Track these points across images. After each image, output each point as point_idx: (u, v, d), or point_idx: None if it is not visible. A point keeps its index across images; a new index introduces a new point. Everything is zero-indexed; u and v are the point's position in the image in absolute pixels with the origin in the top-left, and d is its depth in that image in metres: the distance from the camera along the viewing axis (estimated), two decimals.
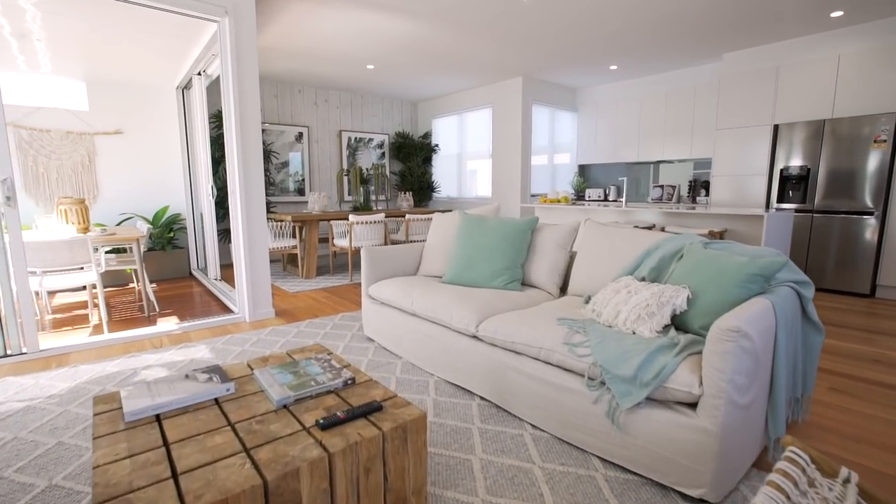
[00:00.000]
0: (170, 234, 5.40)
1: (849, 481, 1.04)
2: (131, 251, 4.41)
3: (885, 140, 4.06)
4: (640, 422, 1.52)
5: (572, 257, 2.74)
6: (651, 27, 4.30)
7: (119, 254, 4.52)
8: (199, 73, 4.58)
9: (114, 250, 4.88)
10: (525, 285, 2.68)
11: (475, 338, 2.18)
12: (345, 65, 5.58)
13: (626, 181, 4.82)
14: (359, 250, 5.28)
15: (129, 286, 4.88)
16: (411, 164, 7.64)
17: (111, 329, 3.28)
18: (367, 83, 6.53)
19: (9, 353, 2.70)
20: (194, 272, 5.46)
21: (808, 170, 4.54)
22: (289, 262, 5.88)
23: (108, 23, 3.41)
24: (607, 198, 6.77)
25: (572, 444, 1.76)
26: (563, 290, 2.69)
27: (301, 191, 6.78)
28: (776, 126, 4.74)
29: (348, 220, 5.01)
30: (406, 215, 5.42)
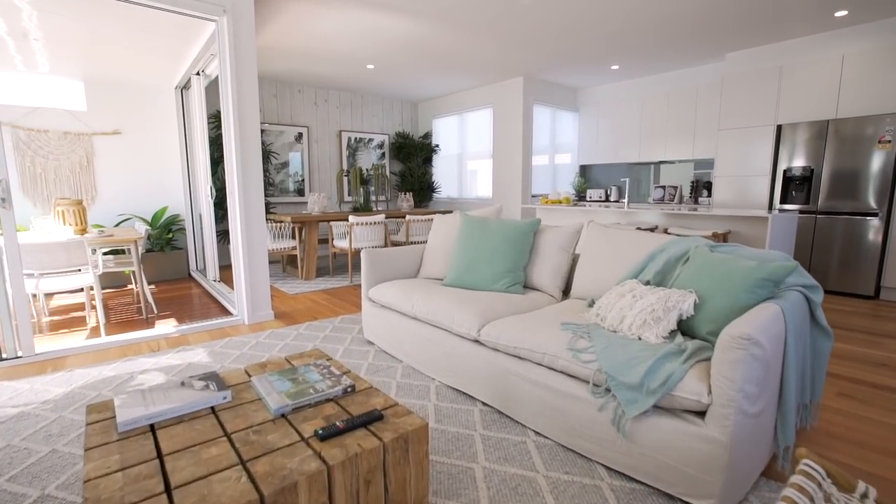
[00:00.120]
0: (168, 236, 5.36)
1: (867, 496, 1.00)
2: (129, 253, 4.38)
3: (889, 141, 4.02)
4: (646, 430, 1.48)
5: (575, 260, 2.70)
6: (653, 27, 4.27)
7: (117, 255, 4.49)
8: (197, 73, 4.54)
9: (112, 252, 4.84)
10: (527, 288, 2.65)
11: (477, 342, 2.15)
12: (344, 64, 5.54)
13: (627, 182, 4.77)
14: (359, 251, 5.25)
15: (128, 287, 4.84)
16: (411, 164, 7.60)
17: (109, 332, 3.25)
18: (367, 83, 6.49)
19: (4, 356, 2.67)
20: (193, 273, 5.43)
21: (811, 171, 4.50)
22: (288, 263, 5.84)
23: (105, 22, 3.38)
24: (608, 198, 6.73)
25: (577, 452, 1.73)
26: (565, 293, 2.66)
27: (301, 191, 6.75)
28: (779, 126, 4.70)
29: (348, 221, 4.97)
30: (406, 216, 5.39)
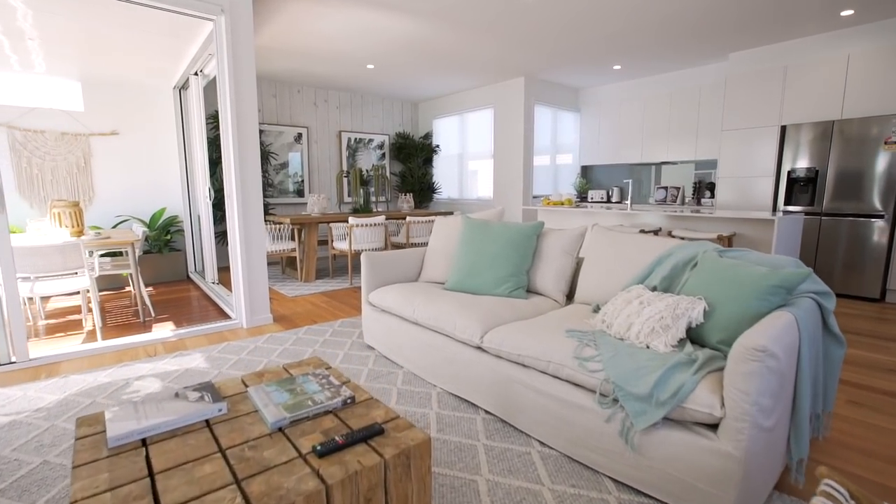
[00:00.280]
0: (167, 237, 5.31)
1: None
2: (126, 255, 4.33)
3: (895, 142, 3.97)
4: (656, 443, 1.43)
5: (579, 264, 2.65)
6: (655, 27, 4.22)
7: (114, 257, 4.44)
8: (195, 73, 4.50)
9: (109, 254, 4.79)
10: (530, 292, 2.60)
11: (480, 349, 2.10)
12: (344, 64, 5.49)
13: (630, 184, 4.73)
14: (359, 253, 5.20)
15: (126, 289, 4.79)
16: (412, 164, 7.55)
17: (105, 335, 3.20)
18: (367, 83, 6.44)
19: None
20: (192, 275, 5.38)
21: (816, 172, 4.45)
22: (287, 265, 5.79)
23: (102, 21, 3.33)
24: (610, 199, 6.69)
25: (583, 464, 1.68)
26: (569, 298, 2.61)
27: (300, 192, 6.70)
28: (783, 127, 4.65)
29: (348, 222, 4.93)
30: (407, 217, 5.34)
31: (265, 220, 5.26)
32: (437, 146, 7.63)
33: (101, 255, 4.64)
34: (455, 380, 2.21)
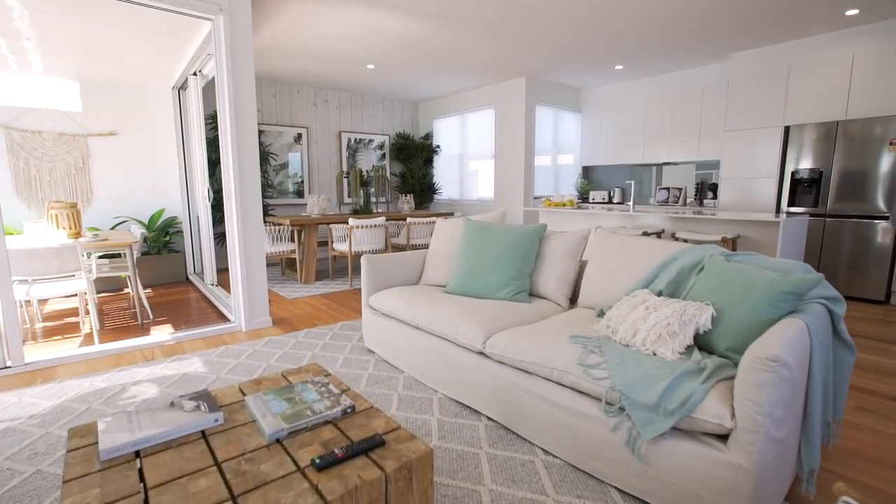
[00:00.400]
0: (166, 238, 5.28)
1: None
2: (125, 257, 4.29)
3: None
4: (663, 453, 1.40)
5: (582, 267, 2.62)
6: (657, 26, 4.18)
7: (112, 259, 4.40)
8: (194, 73, 4.46)
9: (107, 255, 4.76)
10: (532, 296, 2.56)
11: (482, 354, 2.06)
12: (344, 64, 5.46)
13: (633, 185, 4.69)
14: (359, 255, 5.17)
15: (124, 291, 4.76)
16: (412, 165, 7.52)
17: (103, 338, 3.16)
18: (367, 83, 6.40)
19: None
20: (191, 277, 5.34)
21: (820, 173, 4.41)
22: (287, 266, 5.76)
23: (99, 21, 3.29)
24: (611, 200, 6.65)
25: (588, 474, 1.64)
26: (572, 302, 2.57)
27: (300, 193, 6.66)
28: (787, 127, 4.61)
29: (348, 223, 4.89)
30: (407, 218, 5.30)
31: (265, 222, 5.22)
32: (438, 147, 7.59)
33: (100, 257, 4.60)
34: (457, 385, 2.17)
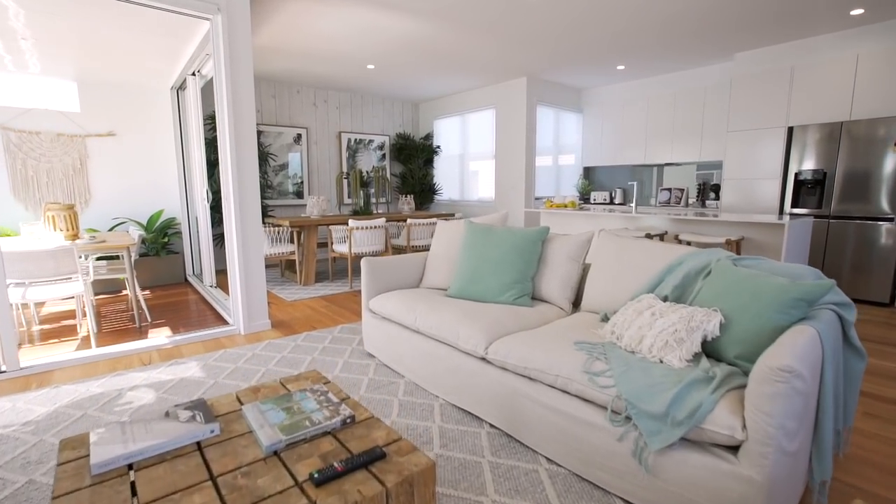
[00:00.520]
0: (164, 240, 5.24)
1: None
2: (122, 258, 4.25)
3: None
4: (671, 464, 1.36)
5: (585, 270, 2.58)
6: (659, 26, 4.14)
7: (110, 261, 4.36)
8: (193, 74, 4.42)
9: (105, 257, 4.72)
10: (535, 300, 2.53)
11: (484, 360, 2.03)
12: (344, 65, 5.42)
13: (636, 186, 4.65)
14: (359, 256, 5.13)
15: (123, 293, 4.72)
16: (412, 166, 7.48)
17: (100, 341, 3.13)
18: (367, 83, 6.37)
19: None
20: (190, 278, 5.30)
21: (823, 174, 4.38)
22: (287, 268, 5.72)
23: (97, 21, 3.25)
24: (613, 201, 6.61)
25: (593, 483, 1.61)
26: (575, 306, 2.54)
27: (300, 193, 6.62)
28: (790, 128, 4.58)
29: (348, 225, 4.85)
30: (407, 219, 5.26)
31: (264, 223, 5.19)
32: (438, 147, 7.55)
33: (97, 259, 4.56)
34: (458, 391, 2.13)
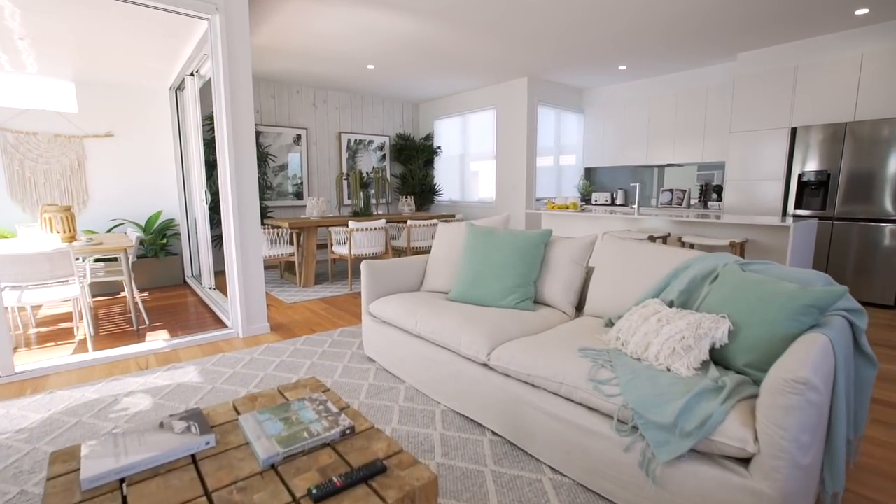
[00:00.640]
0: (163, 241, 5.20)
1: None
2: (120, 261, 4.22)
3: None
4: (680, 476, 1.32)
5: (588, 273, 2.54)
6: (661, 26, 4.11)
7: (108, 263, 4.32)
8: (191, 74, 4.38)
9: (103, 259, 4.68)
10: (538, 303, 2.49)
11: (486, 366, 1.99)
12: (344, 65, 5.38)
13: (637, 187, 4.61)
14: (359, 258, 5.09)
15: (121, 295, 4.68)
16: (413, 166, 7.44)
17: (97, 344, 3.09)
18: (367, 83, 6.33)
19: None
20: (188, 280, 5.27)
21: (827, 175, 4.34)
22: (286, 269, 5.68)
23: (94, 21, 3.22)
24: (614, 202, 6.57)
25: (599, 494, 1.57)
26: (578, 310, 2.50)
27: (299, 194, 6.59)
28: (794, 129, 4.54)
29: (347, 226, 4.81)
30: (408, 221, 5.23)
31: (263, 224, 5.15)
32: (439, 148, 7.51)
33: (95, 261, 4.53)
34: (460, 398, 2.10)
